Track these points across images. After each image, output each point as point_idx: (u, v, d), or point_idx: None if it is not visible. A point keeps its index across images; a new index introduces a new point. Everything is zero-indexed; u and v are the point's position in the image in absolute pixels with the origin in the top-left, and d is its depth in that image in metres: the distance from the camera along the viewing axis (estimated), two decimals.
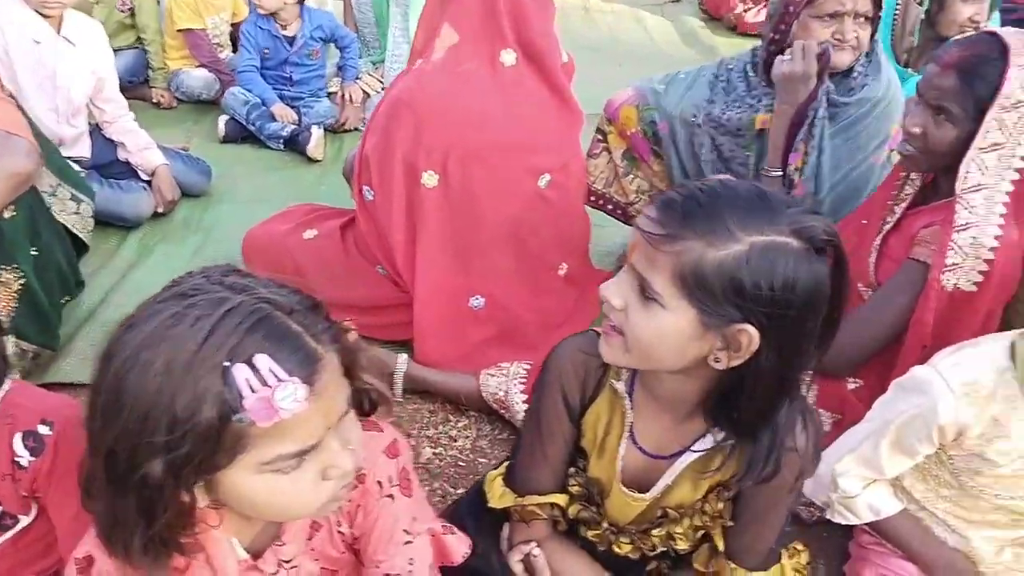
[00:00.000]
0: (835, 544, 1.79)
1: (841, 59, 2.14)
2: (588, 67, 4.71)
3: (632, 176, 2.56)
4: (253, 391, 0.90)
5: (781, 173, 2.22)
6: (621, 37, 5.44)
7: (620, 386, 1.27)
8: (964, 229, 1.60)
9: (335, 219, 2.44)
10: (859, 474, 1.51)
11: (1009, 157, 1.60)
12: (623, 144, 2.52)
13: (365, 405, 1.19)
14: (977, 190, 1.60)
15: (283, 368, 0.91)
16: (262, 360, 0.91)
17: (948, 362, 1.40)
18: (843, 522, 1.57)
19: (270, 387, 0.90)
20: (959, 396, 1.35)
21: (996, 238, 1.59)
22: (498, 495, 1.39)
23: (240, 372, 0.90)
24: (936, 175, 1.78)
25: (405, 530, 1.17)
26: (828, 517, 1.60)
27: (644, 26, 5.58)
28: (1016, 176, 1.60)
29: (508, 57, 2.01)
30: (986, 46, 1.62)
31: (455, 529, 1.25)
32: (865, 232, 1.88)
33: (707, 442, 1.21)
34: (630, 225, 2.64)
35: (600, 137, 2.55)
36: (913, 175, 1.84)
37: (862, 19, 2.12)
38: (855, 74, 2.21)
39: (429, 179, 2.01)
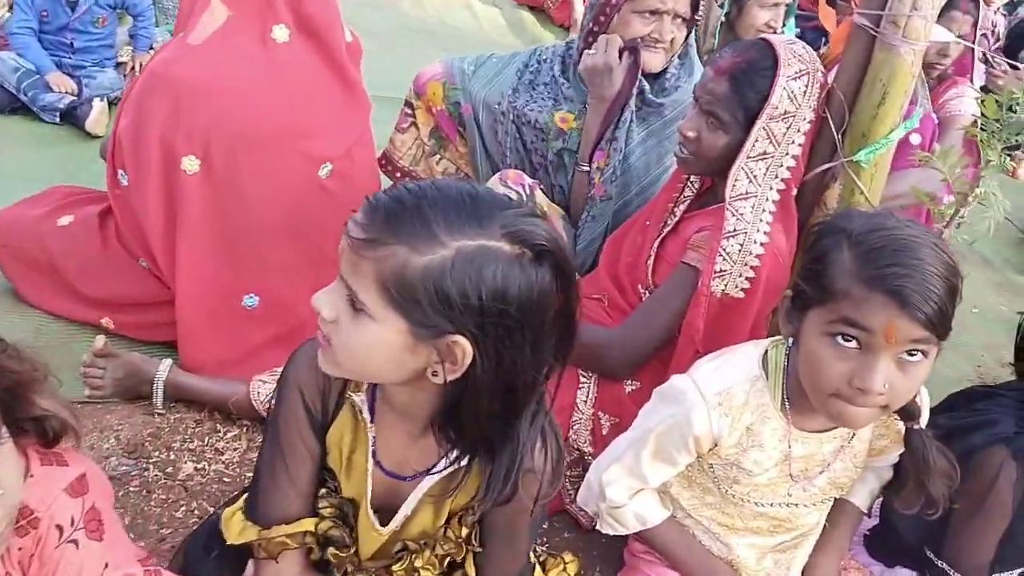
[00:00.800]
0: (613, 549, 1.76)
1: (656, 60, 2.12)
2: (414, 50, 4.63)
3: (439, 156, 2.45)
4: None
5: (588, 169, 2.19)
6: (449, 22, 5.34)
7: (359, 398, 1.16)
8: (732, 236, 1.60)
9: (95, 204, 2.17)
10: (625, 483, 1.47)
11: (777, 167, 1.62)
12: (431, 121, 2.41)
13: (49, 434, 1.02)
14: (745, 198, 1.61)
15: None
16: None
17: (704, 370, 1.38)
18: (612, 532, 1.53)
19: None
20: (712, 406, 1.34)
21: (762, 245, 1.60)
22: (237, 531, 1.22)
23: None
24: (714, 179, 1.78)
25: None
26: (598, 527, 1.56)
27: (473, 12, 5.51)
28: (783, 186, 1.62)
29: (280, 33, 1.84)
30: (758, 54, 1.62)
31: (163, 572, 1.10)
32: (647, 234, 1.86)
33: (445, 463, 1.12)
34: None
35: (408, 111, 2.42)
36: (693, 178, 1.84)
37: (680, 20, 2.11)
38: (668, 75, 2.20)
39: (190, 164, 1.81)
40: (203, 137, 1.79)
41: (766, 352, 1.38)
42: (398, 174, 2.47)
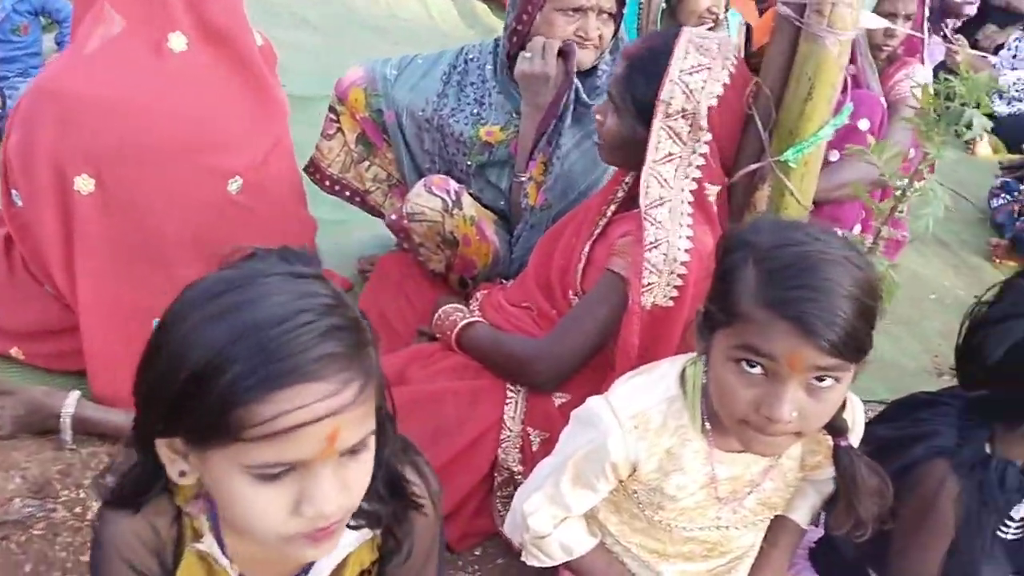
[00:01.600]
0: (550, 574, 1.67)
1: (584, 57, 2.04)
2: (366, 48, 4.49)
3: (368, 163, 2.35)
4: None
5: (523, 179, 2.10)
6: (400, 15, 5.19)
7: (205, 546, 1.03)
8: (655, 247, 1.51)
9: (1, 227, 2.05)
10: (548, 512, 1.38)
11: (686, 166, 1.54)
12: (356, 127, 2.30)
13: None
14: (660, 204, 1.52)
15: None
16: None
17: (621, 391, 1.30)
18: (538, 564, 1.45)
19: None
20: (628, 430, 1.25)
21: (687, 251, 1.51)
22: None
23: None
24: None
25: None
26: (523, 559, 1.47)
27: (425, 4, 5.36)
28: (694, 185, 1.54)
29: (177, 42, 1.72)
30: (663, 43, 1.55)
31: None
32: (580, 236, 1.77)
33: (338, 556, 1.05)
34: (374, 216, 2.43)
35: (333, 116, 2.31)
36: (628, 179, 1.75)
37: (605, 16, 2.03)
38: (600, 72, 2.11)
39: (84, 184, 1.69)
40: (94, 153, 1.67)
41: (684, 370, 1.29)
42: (327, 182, 2.37)
